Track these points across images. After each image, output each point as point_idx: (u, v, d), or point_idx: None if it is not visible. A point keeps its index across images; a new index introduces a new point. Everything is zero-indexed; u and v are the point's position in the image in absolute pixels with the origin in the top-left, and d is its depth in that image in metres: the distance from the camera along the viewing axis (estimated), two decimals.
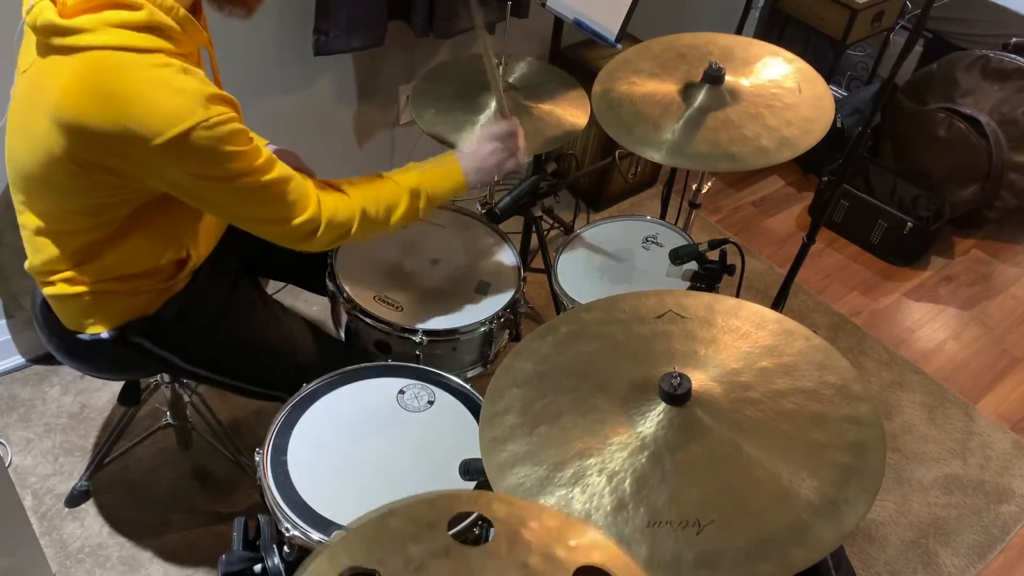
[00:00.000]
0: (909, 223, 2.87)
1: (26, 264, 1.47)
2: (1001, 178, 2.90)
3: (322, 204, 1.41)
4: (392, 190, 1.51)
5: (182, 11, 1.24)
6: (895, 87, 3.04)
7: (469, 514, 0.74)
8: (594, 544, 0.75)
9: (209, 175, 1.26)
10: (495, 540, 0.73)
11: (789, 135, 1.64)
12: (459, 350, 1.74)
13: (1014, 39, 2.88)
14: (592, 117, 1.85)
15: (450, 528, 0.75)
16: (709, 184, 2.15)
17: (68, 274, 1.43)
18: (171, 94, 1.19)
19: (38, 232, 1.40)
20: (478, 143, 1.63)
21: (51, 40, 1.20)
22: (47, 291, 1.47)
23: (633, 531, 0.97)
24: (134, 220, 1.37)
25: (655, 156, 1.66)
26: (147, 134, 1.18)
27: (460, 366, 1.78)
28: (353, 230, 1.46)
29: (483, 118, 1.96)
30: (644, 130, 1.69)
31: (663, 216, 2.51)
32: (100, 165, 1.24)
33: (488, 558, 0.71)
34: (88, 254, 1.41)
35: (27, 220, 1.41)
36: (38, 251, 1.43)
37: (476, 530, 1.26)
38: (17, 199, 1.40)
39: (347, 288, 1.72)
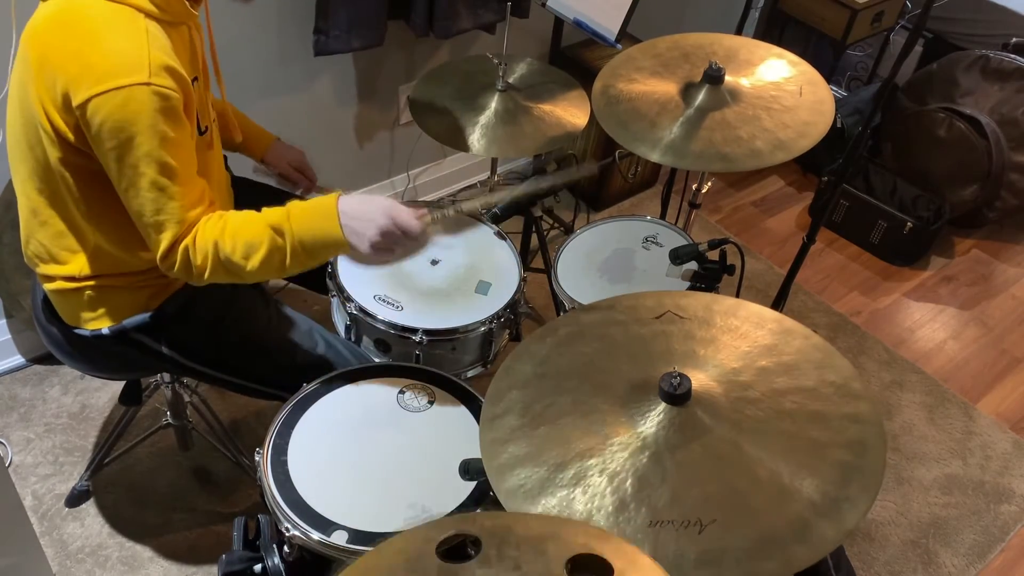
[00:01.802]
0: (909, 223, 2.87)
1: (23, 251, 1.48)
2: (1001, 178, 2.90)
3: (185, 239, 1.32)
4: (253, 227, 1.34)
5: None
6: (895, 87, 3.04)
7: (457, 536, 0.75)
8: (582, 532, 0.75)
9: (118, 138, 1.23)
10: (485, 551, 0.73)
11: (784, 138, 1.64)
12: (459, 350, 1.74)
13: (1014, 39, 2.89)
14: (592, 117, 1.85)
15: (440, 549, 0.75)
16: (709, 184, 2.14)
17: (65, 268, 1.43)
18: (123, 46, 1.21)
19: (32, 213, 1.41)
20: (369, 203, 1.35)
21: None
22: (48, 286, 1.47)
23: (635, 531, 0.97)
24: (116, 210, 1.37)
25: (649, 154, 1.66)
26: (88, 78, 1.20)
27: (460, 366, 1.78)
28: (207, 273, 1.34)
29: (483, 119, 1.96)
30: (640, 128, 1.69)
31: (663, 216, 2.51)
32: (50, 100, 1.25)
33: (479, 568, 0.71)
34: (76, 239, 1.41)
35: (22, 200, 1.42)
36: (31, 236, 1.44)
37: (470, 550, 1.26)
38: (15, 178, 1.41)
39: (347, 287, 1.73)
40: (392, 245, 1.36)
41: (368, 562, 0.72)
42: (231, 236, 1.32)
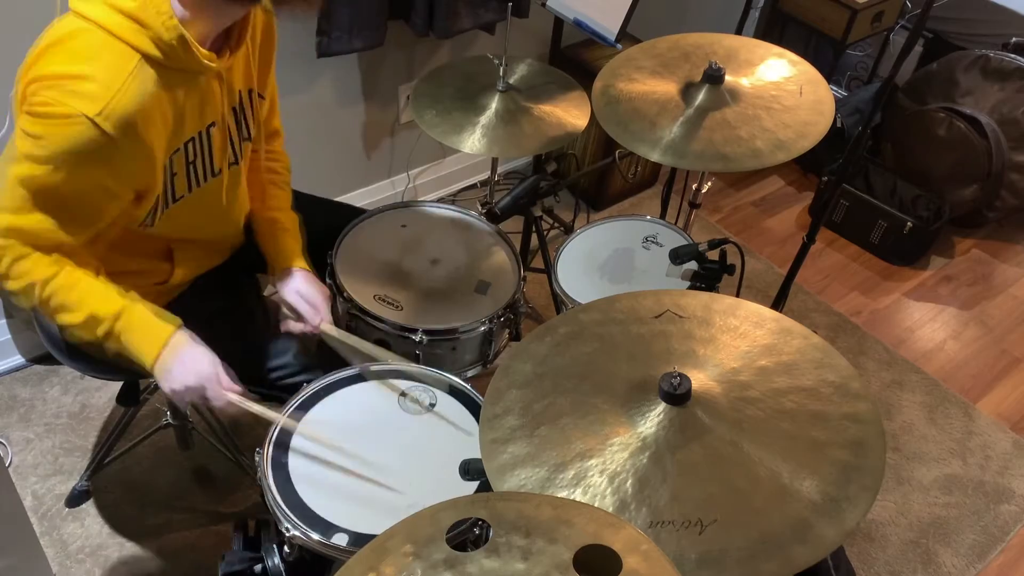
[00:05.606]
0: (909, 223, 2.87)
1: None
2: (1001, 178, 2.90)
3: (28, 258, 1.29)
4: (85, 296, 1.34)
5: (173, 24, 1.21)
6: (895, 87, 3.04)
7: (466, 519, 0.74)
8: (594, 520, 0.74)
9: (28, 132, 1.21)
10: (494, 537, 0.72)
11: (784, 138, 1.64)
12: (459, 349, 1.74)
13: (1014, 39, 2.88)
14: (592, 117, 1.85)
15: (448, 532, 0.75)
16: (709, 184, 2.15)
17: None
18: (98, 76, 1.19)
19: None
20: (196, 361, 1.40)
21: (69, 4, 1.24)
22: None
23: None
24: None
25: (649, 154, 1.66)
26: (54, 86, 1.18)
27: (460, 365, 1.78)
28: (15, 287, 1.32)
29: (483, 119, 1.95)
30: (640, 127, 1.69)
31: (663, 216, 2.51)
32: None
33: (485, 558, 0.71)
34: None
35: None
36: None
37: (476, 530, 1.26)
38: None
39: (347, 287, 1.72)
40: (190, 400, 1.41)
41: (376, 549, 0.72)
42: (58, 288, 1.31)
